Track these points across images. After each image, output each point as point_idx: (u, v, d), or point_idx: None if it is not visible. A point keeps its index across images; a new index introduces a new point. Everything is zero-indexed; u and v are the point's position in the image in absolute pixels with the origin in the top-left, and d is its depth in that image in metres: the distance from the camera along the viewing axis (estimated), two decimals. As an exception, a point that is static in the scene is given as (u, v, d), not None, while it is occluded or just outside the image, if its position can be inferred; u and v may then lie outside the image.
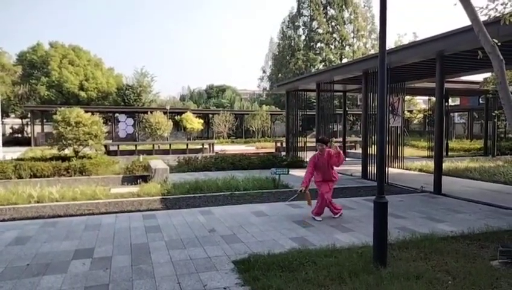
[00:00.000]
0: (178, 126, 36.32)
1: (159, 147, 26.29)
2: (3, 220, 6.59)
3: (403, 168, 14.37)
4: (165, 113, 31.31)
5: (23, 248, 4.93)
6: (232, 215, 6.68)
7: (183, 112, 35.88)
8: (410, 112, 38.60)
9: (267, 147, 30.04)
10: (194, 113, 36.84)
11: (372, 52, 50.47)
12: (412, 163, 15.00)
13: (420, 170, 13.80)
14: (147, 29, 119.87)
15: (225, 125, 38.52)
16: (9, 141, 30.44)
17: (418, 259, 4.38)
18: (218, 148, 27.83)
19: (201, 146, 26.92)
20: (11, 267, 4.24)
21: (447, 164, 13.68)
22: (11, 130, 38.65)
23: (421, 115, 39.21)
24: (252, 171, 12.66)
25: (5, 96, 34.18)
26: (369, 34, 53.80)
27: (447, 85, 12.30)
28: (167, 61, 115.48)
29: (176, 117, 35.75)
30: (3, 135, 26.81)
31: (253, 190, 9.41)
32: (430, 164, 14.47)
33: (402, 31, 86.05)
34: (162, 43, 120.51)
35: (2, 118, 22.29)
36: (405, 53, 9.88)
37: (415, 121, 44.02)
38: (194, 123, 34.68)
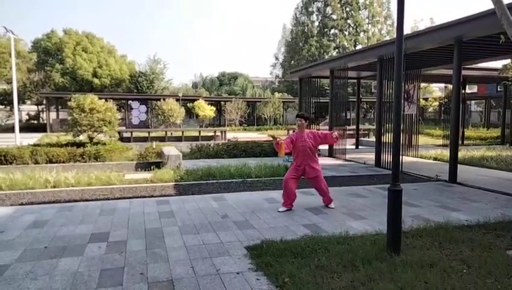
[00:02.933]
0: (190, 113, 36.48)
1: (171, 134, 26.50)
2: (22, 204, 6.75)
3: (418, 157, 14.20)
4: (177, 100, 31.43)
5: (41, 231, 5.04)
6: (245, 202, 6.71)
7: (196, 99, 35.95)
8: (426, 99, 38.01)
9: (280, 134, 29.96)
10: (206, 100, 36.90)
11: (388, 38, 49.52)
12: (427, 151, 14.81)
13: (435, 159, 13.61)
14: (159, 16, 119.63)
15: (237, 113, 38.49)
16: (26, 127, 31.00)
17: (432, 247, 4.34)
18: (230, 135, 27.88)
19: (213, 133, 27.02)
20: (30, 250, 4.35)
21: (462, 153, 13.46)
22: (27, 117, 39.37)
23: (436, 103, 38.59)
24: (264, 159, 12.67)
25: (21, 83, 34.72)
26: (384, 19, 52.73)
27: (464, 72, 12.01)
28: (180, 48, 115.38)
29: (188, 104, 35.87)
30: (20, 121, 27.35)
31: (266, 177, 9.42)
32: (446, 153, 14.25)
33: (418, 17, 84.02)
34: (174, 30, 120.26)
35: (18, 105, 22.68)
36: (422, 39, 9.65)
37: (430, 109, 43.32)
38: (206, 110, 34.75)
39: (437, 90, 40.72)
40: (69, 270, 3.80)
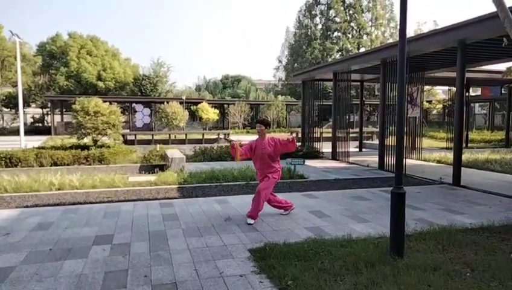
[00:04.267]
0: (194, 116, 36.53)
1: (175, 136, 26.58)
2: (27, 206, 6.80)
3: (421, 160, 14.16)
4: (181, 103, 31.51)
5: (45, 233, 5.08)
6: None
7: (199, 102, 36.03)
8: (429, 102, 37.87)
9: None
10: (209, 103, 36.97)
11: (391, 40, 49.46)
12: (431, 154, 14.77)
13: (439, 162, 13.56)
14: (163, 19, 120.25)
15: (240, 116, 38.53)
16: (30, 130, 31.20)
17: (436, 251, 4.34)
18: (233, 138, 27.90)
19: (216, 136, 27.07)
20: (35, 252, 4.39)
21: (466, 155, 13.42)
22: (32, 120, 39.58)
23: (440, 106, 38.44)
24: (267, 161, 12.66)
25: (26, 86, 34.95)
26: (387, 22, 52.72)
27: (468, 74, 11.99)
28: (183, 52, 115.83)
29: (191, 107, 35.94)
30: (25, 124, 27.53)
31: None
32: (449, 155, 14.20)
33: (422, 19, 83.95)
34: (178, 33, 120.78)
35: (23, 108, 22.85)
36: (425, 41, 9.65)
37: (434, 112, 43.17)
38: (210, 113, 34.81)
39: (441, 92, 40.57)
40: (74, 272, 3.83)
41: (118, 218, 5.84)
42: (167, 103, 30.58)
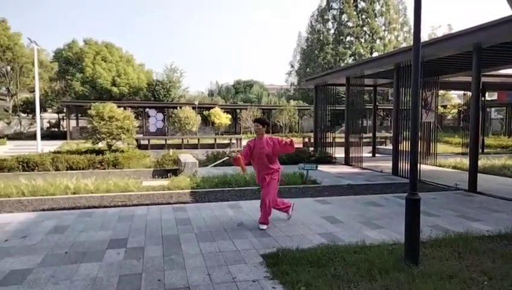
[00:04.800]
0: (206, 121, 36.75)
1: (187, 141, 26.77)
2: (43, 210, 6.92)
3: (436, 165, 13.95)
4: (193, 108, 31.77)
5: (61, 236, 5.17)
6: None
7: (211, 107, 36.26)
8: (444, 107, 37.37)
9: (295, 142, 29.89)
10: (221, 108, 37.17)
11: (404, 45, 49.08)
12: (446, 160, 14.55)
13: (454, 167, 13.35)
14: (176, 25, 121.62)
15: (252, 121, 38.62)
16: (47, 135, 31.76)
17: (452, 258, 4.26)
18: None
19: (229, 141, 27.16)
20: (52, 255, 4.46)
21: (482, 161, 13.16)
22: (48, 125, 40.36)
23: (455, 110, 37.90)
24: (279, 166, 12.65)
25: (42, 92, 35.72)
26: (401, 26, 52.29)
27: (483, 79, 11.79)
28: (196, 57, 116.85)
29: (204, 112, 36.18)
30: (41, 129, 28.09)
31: (281, 185, 9.39)
32: (465, 161, 13.96)
33: (436, 23, 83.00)
34: (190, 39, 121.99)
35: (40, 113, 23.34)
36: (440, 46, 9.54)
37: (449, 117, 42.56)
38: (222, 118, 34.99)
39: (456, 97, 39.98)
40: (89, 275, 3.88)
41: (132, 222, 5.91)
42: (180, 108, 30.87)
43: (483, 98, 17.81)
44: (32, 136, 27.73)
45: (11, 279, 3.78)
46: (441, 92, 30.43)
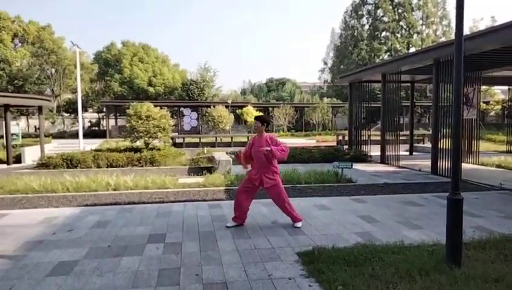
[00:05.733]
0: (239, 119, 37.05)
1: (221, 139, 27.10)
2: (86, 205, 7.26)
3: (478, 164, 13.35)
4: (226, 107, 32.12)
5: (104, 230, 5.40)
6: (295, 207, 6.69)
7: (244, 106, 36.50)
8: (487, 103, 35.62)
9: (328, 140, 29.53)
10: (254, 106, 37.34)
11: (443, 39, 47.15)
12: (489, 158, 13.88)
13: (498, 166, 12.72)
14: (209, 25, 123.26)
15: (285, 119, 38.49)
16: (88, 134, 33.21)
17: (497, 261, 4.08)
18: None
19: (262, 139, 27.17)
20: (95, 248, 4.68)
21: (530, 160, 12.45)
22: (89, 124, 42.20)
23: (498, 107, 36.02)
24: (313, 165, 12.56)
25: (84, 93, 37.37)
26: (439, 20, 50.34)
27: (532, 73, 11.14)
28: (229, 56, 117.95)
29: (237, 111, 36.49)
30: (83, 128, 29.37)
31: (315, 183, 9.35)
32: (510, 159, 13.28)
33: (478, 16, 79.13)
34: (224, 38, 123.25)
35: (81, 113, 24.40)
36: (483, 39, 9.10)
37: (492, 113, 40.49)
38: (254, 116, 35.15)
39: (499, 92, 37.98)
40: (131, 268, 4.04)
41: (169, 218, 6.07)
42: (213, 106, 31.30)
43: (530, 93, 16.82)
44: (74, 135, 29.11)
45: (60, 270, 4.00)
46: (483, 87, 29.00)
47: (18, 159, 16.11)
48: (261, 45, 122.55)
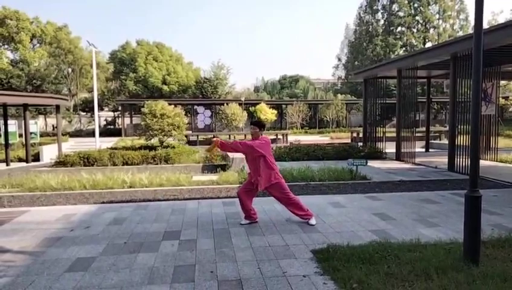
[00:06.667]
0: (252, 117, 37.06)
1: (234, 137, 27.16)
2: (103, 202, 7.38)
3: (497, 161, 13.05)
4: (240, 104, 32.16)
5: (120, 227, 5.48)
6: (308, 205, 6.61)
7: (257, 103, 36.45)
8: (506, 98, 34.78)
9: (342, 137, 29.32)
10: (267, 104, 37.25)
11: (461, 33, 46.18)
12: (508, 155, 13.55)
13: (518, 163, 12.42)
14: (222, 24, 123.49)
15: (298, 116, 38.34)
16: (103, 132, 33.71)
17: (517, 260, 3.98)
18: (291, 138, 27.88)
19: (275, 136, 27.19)
20: (112, 244, 4.75)
21: (551, 157, 12.12)
22: (105, 122, 42.86)
23: (518, 102, 35.12)
24: (327, 162, 12.48)
25: (99, 92, 37.91)
26: (457, 14, 49.27)
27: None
28: (242, 53, 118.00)
29: (250, 108, 36.51)
30: (99, 126, 29.85)
31: (329, 180, 9.29)
32: (531, 156, 12.97)
33: (497, 9, 77.16)
34: (237, 35, 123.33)
35: (97, 111, 24.79)
36: (502, 33, 8.87)
37: (511, 109, 39.52)
38: (268, 114, 35.06)
39: (520, 87, 37.03)
40: (147, 265, 4.09)
41: (184, 215, 6.13)
42: (227, 104, 31.39)
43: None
44: (90, 133, 29.59)
45: (78, 266, 4.08)
46: (502, 82, 28.30)
47: (36, 158, 16.50)
48: (274, 41, 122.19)
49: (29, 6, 76.57)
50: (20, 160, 16.48)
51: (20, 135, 19.02)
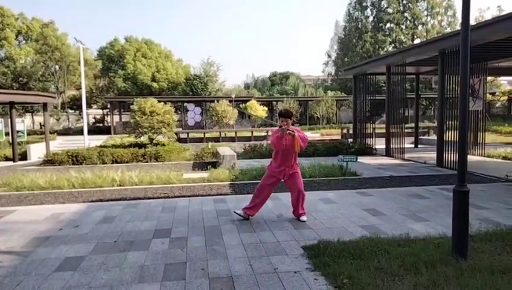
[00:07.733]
0: (243, 114, 37.02)
1: (225, 134, 27.10)
2: (92, 201, 7.30)
3: (484, 156, 13.25)
4: (230, 101, 32.07)
5: (110, 226, 5.43)
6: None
7: (248, 100, 36.43)
8: (493, 94, 35.32)
9: (333, 133, 29.47)
10: (258, 100, 37.23)
11: (449, 30, 46.70)
12: (495, 150, 13.77)
13: (504, 158, 12.63)
14: (212, 20, 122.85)
15: (289, 112, 38.37)
16: (92, 130, 33.33)
17: (504, 253, 4.05)
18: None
19: (265, 133, 27.19)
20: (102, 243, 4.71)
21: (537, 151, 12.34)
22: (93, 120, 42.34)
23: (505, 98, 35.73)
24: (317, 158, 12.53)
25: (88, 89, 37.44)
26: (444, 10, 49.79)
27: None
28: (232, 50, 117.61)
29: (240, 105, 36.45)
30: (87, 124, 29.50)
31: (320, 177, 9.33)
32: (517, 151, 13.19)
33: (484, 5, 78.21)
34: (227, 32, 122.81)
35: (86, 109, 24.49)
36: (489, 29, 8.98)
37: (498, 104, 40.15)
38: (258, 111, 35.06)
39: (506, 83, 37.60)
40: (137, 263, 4.06)
41: (175, 213, 6.09)
42: (217, 101, 31.28)
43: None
44: (79, 132, 29.23)
45: (67, 265, 4.04)
46: (489, 78, 28.72)
47: (24, 156, 16.24)
48: (264, 38, 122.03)
49: (14, 2, 75.17)
50: (7, 159, 16.20)
51: (7, 134, 18.70)
